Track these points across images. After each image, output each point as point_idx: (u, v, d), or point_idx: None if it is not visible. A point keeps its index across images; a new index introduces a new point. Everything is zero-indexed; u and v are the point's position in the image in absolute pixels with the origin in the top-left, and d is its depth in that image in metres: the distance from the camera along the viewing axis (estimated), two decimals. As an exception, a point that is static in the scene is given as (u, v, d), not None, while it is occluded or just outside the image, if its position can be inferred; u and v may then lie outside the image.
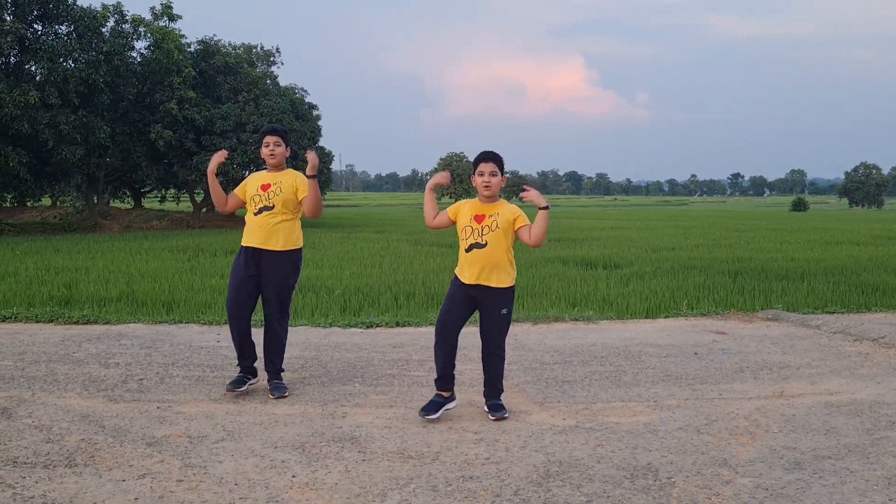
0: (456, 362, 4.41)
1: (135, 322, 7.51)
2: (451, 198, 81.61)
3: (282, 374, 4.97)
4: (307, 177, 4.81)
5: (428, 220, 4.51)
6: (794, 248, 18.46)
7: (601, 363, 5.78)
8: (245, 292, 4.82)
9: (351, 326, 7.30)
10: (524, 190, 4.23)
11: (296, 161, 31.30)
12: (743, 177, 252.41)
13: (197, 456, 3.69)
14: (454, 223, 4.43)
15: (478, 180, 4.29)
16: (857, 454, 3.75)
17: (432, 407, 4.32)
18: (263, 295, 4.86)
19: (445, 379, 4.38)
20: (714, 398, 4.80)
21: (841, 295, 10.14)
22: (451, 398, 4.43)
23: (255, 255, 4.80)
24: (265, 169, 5.05)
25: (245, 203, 4.98)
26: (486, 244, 4.25)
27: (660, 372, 5.50)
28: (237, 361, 4.96)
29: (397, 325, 7.41)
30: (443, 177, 4.39)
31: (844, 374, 5.47)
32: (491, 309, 4.30)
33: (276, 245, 4.80)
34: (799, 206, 73.29)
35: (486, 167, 4.28)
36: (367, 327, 7.27)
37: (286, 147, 4.97)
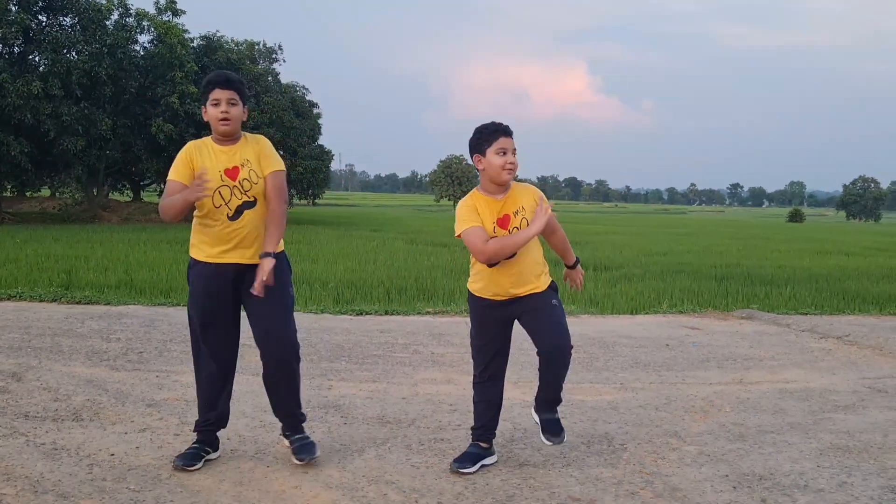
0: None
1: (134, 304, 7.83)
2: (449, 200, 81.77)
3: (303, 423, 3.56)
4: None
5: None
6: (784, 256, 18.73)
7: (576, 351, 6.03)
8: (226, 327, 3.42)
9: (342, 314, 7.63)
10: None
11: (295, 159, 31.48)
12: (742, 187, 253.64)
13: (193, 416, 3.95)
14: None
15: (496, 161, 3.22)
16: (797, 430, 4.08)
17: (468, 458, 3.42)
18: (258, 319, 3.35)
19: (487, 429, 3.54)
20: (677, 383, 5.14)
21: (821, 301, 10.37)
22: (491, 451, 3.53)
23: (239, 275, 3.31)
24: (207, 136, 3.40)
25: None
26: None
27: (630, 360, 5.83)
28: (201, 425, 3.50)
29: (386, 313, 7.73)
30: None
31: (804, 366, 5.80)
32: (538, 307, 3.40)
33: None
34: (795, 217, 73.80)
35: (508, 143, 3.24)
36: (358, 314, 7.60)
37: (244, 106, 3.35)
